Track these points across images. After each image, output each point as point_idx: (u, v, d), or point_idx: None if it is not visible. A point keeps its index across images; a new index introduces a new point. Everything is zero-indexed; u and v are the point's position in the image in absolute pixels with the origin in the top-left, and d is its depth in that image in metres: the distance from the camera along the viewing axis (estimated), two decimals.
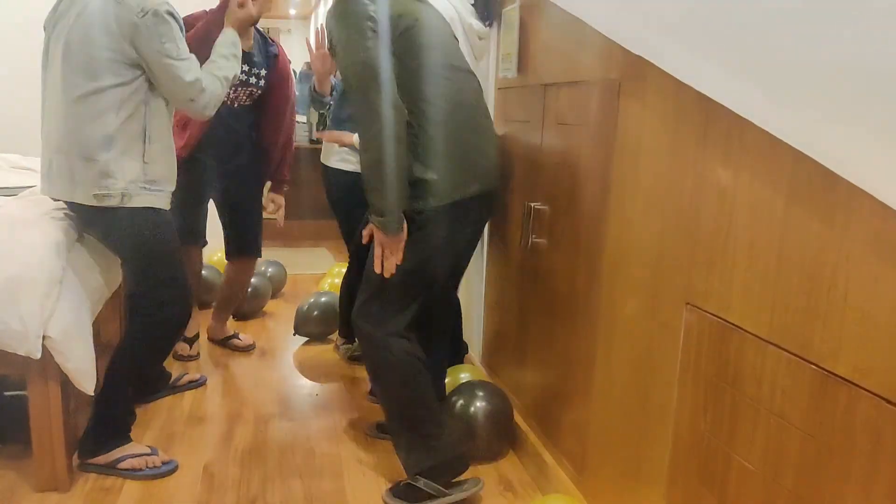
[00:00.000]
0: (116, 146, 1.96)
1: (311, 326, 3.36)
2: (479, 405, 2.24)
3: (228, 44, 2.22)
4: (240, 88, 2.79)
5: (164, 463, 2.15)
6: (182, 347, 3.06)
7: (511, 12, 2.40)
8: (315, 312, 3.34)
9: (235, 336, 3.32)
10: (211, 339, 3.33)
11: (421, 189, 1.87)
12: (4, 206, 2.19)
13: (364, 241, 2.04)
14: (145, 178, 2.02)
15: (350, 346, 3.18)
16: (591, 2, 1.82)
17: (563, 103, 2.02)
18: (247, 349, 3.28)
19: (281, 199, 3.14)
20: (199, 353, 3.12)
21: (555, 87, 2.08)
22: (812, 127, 1.04)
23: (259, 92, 2.85)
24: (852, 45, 0.95)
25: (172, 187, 2.13)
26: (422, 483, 1.97)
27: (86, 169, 1.96)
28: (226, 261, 3.21)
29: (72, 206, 2.05)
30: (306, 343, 3.41)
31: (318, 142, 5.59)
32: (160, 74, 1.98)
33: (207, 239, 3.10)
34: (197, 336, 3.12)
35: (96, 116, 1.94)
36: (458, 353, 2.73)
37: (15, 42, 3.29)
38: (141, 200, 2.02)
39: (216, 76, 2.11)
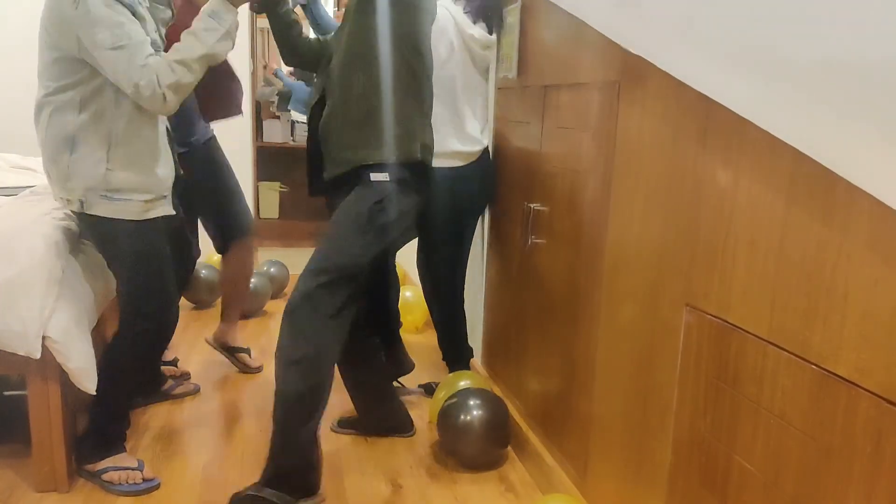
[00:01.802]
0: (78, 149, 1.87)
1: None
2: (474, 414, 2.18)
3: (204, 16, 1.89)
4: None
5: (144, 480, 2.06)
6: (167, 370, 2.76)
7: (511, 13, 2.40)
8: None
9: (247, 351, 2.99)
10: (218, 344, 2.98)
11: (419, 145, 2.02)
12: (4, 206, 2.19)
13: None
14: (106, 186, 1.89)
15: None
16: (591, 2, 1.82)
17: (564, 104, 2.02)
18: (255, 371, 2.97)
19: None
20: (188, 373, 2.83)
21: (555, 87, 2.08)
22: (812, 127, 1.04)
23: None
24: (852, 44, 0.95)
25: (149, 196, 1.96)
26: (266, 493, 1.86)
27: (54, 170, 1.93)
28: (220, 255, 2.88)
29: None
30: None
31: None
32: (103, 66, 1.82)
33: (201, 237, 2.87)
34: (176, 359, 2.87)
35: (57, 117, 1.87)
36: (462, 357, 2.72)
37: (13, 42, 3.29)
38: (101, 209, 1.91)
39: (171, 60, 1.84)
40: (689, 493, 1.40)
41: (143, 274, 2.01)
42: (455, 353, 2.71)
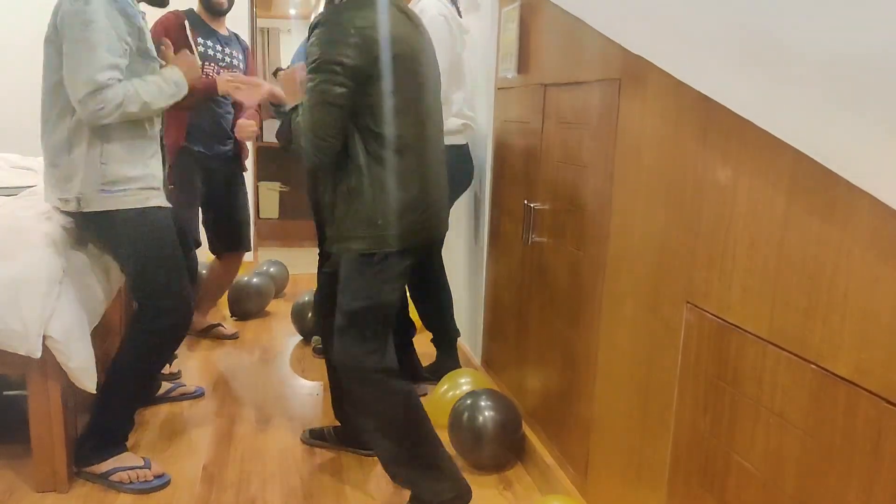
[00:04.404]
0: (74, 149, 1.90)
1: (310, 325, 3.38)
2: (487, 415, 2.16)
3: (170, 81, 2.00)
4: (223, 72, 2.83)
5: (155, 477, 2.07)
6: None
7: (511, 12, 2.40)
8: (311, 314, 3.36)
9: (219, 325, 3.36)
10: (195, 332, 3.28)
11: (379, 231, 1.79)
12: (4, 205, 2.19)
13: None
14: (103, 180, 1.91)
15: (318, 337, 3.22)
16: (591, 2, 1.82)
17: (564, 103, 2.02)
18: (232, 336, 3.36)
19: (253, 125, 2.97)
20: (179, 371, 2.87)
21: (555, 87, 2.08)
22: (812, 127, 1.04)
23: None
24: (852, 43, 0.95)
25: (144, 185, 1.97)
26: None
27: (54, 173, 1.95)
28: (213, 255, 3.22)
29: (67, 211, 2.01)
30: (306, 342, 3.41)
31: None
32: (65, 59, 1.82)
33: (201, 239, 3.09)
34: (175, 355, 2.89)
35: (56, 118, 1.91)
36: (450, 338, 2.76)
37: (14, 42, 3.29)
38: (98, 204, 1.93)
39: (136, 89, 1.88)
40: (689, 493, 1.40)
41: (152, 263, 2.02)
42: (443, 334, 2.76)
